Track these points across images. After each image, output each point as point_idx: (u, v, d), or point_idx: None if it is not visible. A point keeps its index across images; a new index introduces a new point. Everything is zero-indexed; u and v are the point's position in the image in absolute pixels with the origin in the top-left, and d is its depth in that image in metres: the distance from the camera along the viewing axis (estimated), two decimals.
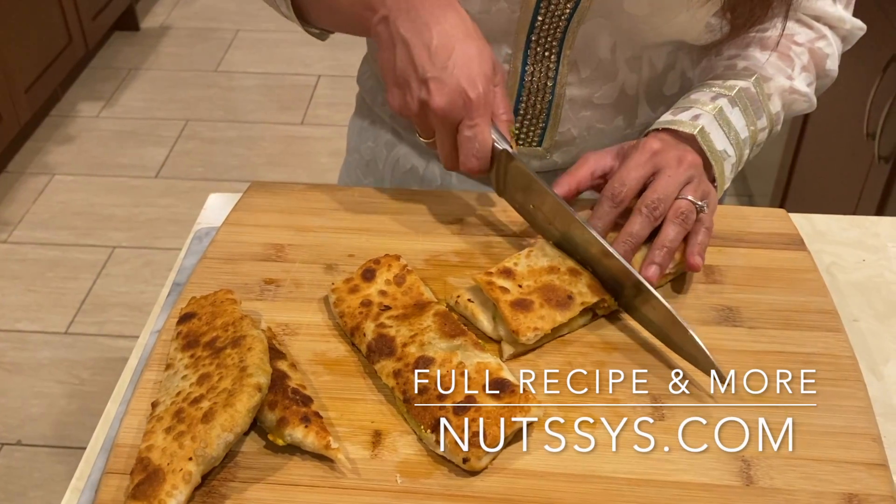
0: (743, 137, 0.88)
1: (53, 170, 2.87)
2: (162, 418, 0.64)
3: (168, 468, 0.61)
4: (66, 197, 2.77)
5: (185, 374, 0.68)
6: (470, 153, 0.79)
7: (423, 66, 0.77)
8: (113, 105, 3.19)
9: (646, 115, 0.98)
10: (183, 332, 0.72)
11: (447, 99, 0.77)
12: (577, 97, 0.94)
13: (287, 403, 0.66)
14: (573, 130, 0.97)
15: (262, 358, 0.67)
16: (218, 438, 0.62)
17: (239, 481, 0.64)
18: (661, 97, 0.98)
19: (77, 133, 3.04)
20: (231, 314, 0.72)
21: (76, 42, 3.10)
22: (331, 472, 0.65)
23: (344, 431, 0.68)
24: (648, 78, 0.95)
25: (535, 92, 0.94)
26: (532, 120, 0.96)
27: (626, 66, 0.93)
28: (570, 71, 0.92)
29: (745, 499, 0.63)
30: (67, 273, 2.49)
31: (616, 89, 0.94)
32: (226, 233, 0.86)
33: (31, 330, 2.31)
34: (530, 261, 0.78)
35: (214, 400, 0.64)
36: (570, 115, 0.95)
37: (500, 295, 0.74)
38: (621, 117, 0.97)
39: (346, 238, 0.85)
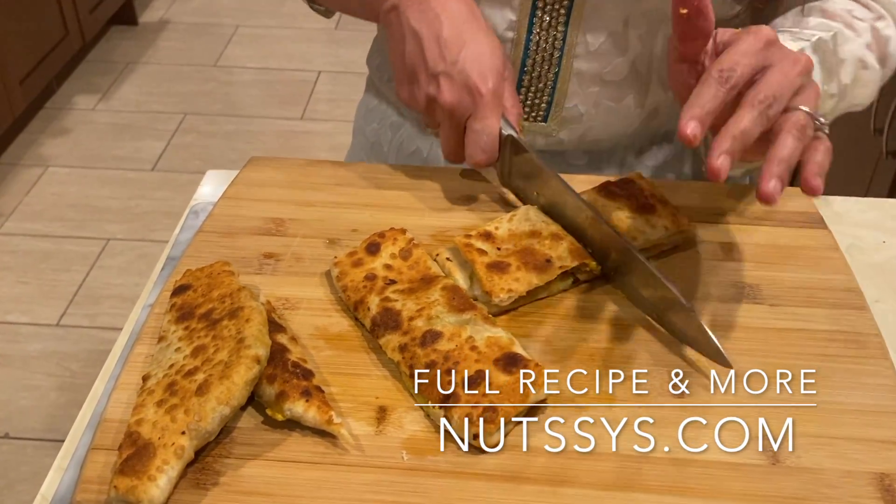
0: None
1: (47, 162, 2.83)
2: (153, 391, 0.61)
3: (159, 442, 0.57)
4: (60, 189, 2.73)
5: (179, 347, 0.64)
6: (477, 147, 0.78)
7: (434, 60, 0.77)
8: (109, 98, 3.15)
9: (657, 96, 0.94)
10: (177, 304, 0.68)
11: (457, 95, 0.77)
12: (586, 71, 0.90)
13: (287, 377, 0.63)
14: (580, 107, 0.93)
15: (260, 329, 0.63)
16: (213, 412, 0.58)
17: (235, 458, 0.60)
18: None
19: (72, 125, 3.01)
20: (228, 286, 0.68)
21: (73, 34, 3.07)
22: (333, 449, 0.61)
23: (347, 407, 0.64)
24: (662, 55, 0.90)
25: (541, 63, 0.90)
26: (537, 93, 0.92)
27: (638, 42, 0.89)
28: (579, 42, 0.88)
29: (772, 478, 0.60)
30: (60, 265, 2.45)
31: (627, 65, 0.90)
32: (223, 206, 0.82)
33: (22, 322, 2.27)
34: (512, 225, 0.76)
35: (210, 372, 0.60)
36: (578, 90, 0.91)
37: (476, 256, 0.72)
38: (631, 96, 0.93)
39: (350, 213, 0.82)
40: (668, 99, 0.94)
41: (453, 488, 0.59)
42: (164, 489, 0.56)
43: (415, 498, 0.58)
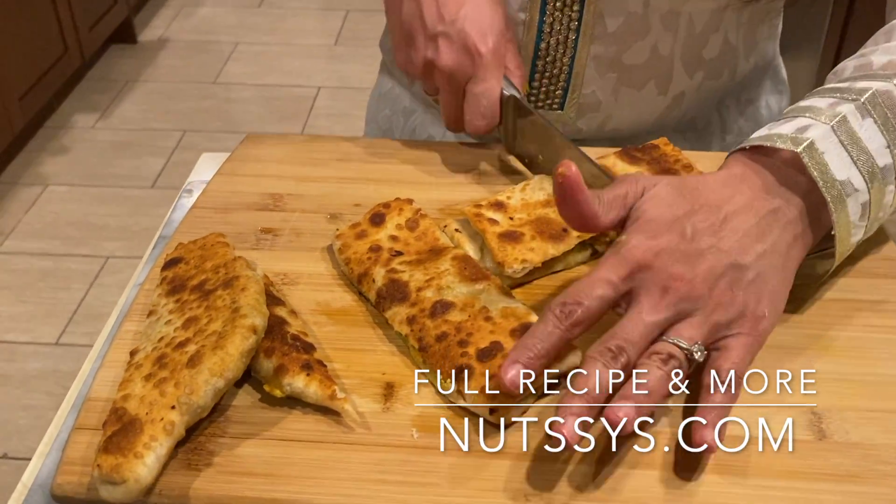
0: (882, 165, 0.60)
1: (47, 180, 2.80)
2: (141, 365, 0.56)
3: (147, 418, 0.52)
4: (60, 207, 2.69)
5: (170, 319, 0.59)
6: (477, 112, 0.75)
7: (432, 20, 0.74)
8: (109, 116, 3.12)
9: (681, 82, 0.87)
10: (168, 277, 0.64)
11: (455, 57, 0.74)
12: (603, 55, 0.84)
13: (286, 350, 0.58)
14: (598, 94, 0.86)
15: (257, 299, 0.58)
16: (206, 384, 0.53)
17: (229, 437, 0.55)
18: (698, 61, 0.87)
19: (72, 144, 2.97)
20: (223, 256, 0.63)
21: (72, 52, 3.04)
22: (336, 427, 0.56)
23: (351, 384, 0.59)
24: (685, 38, 0.84)
25: (555, 47, 0.84)
26: (552, 80, 0.86)
27: (660, 23, 0.82)
28: (596, 23, 0.82)
29: (819, 454, 0.55)
30: (59, 283, 2.40)
31: (647, 49, 0.84)
32: (218, 182, 0.77)
33: (21, 341, 2.22)
34: (525, 194, 0.72)
35: (202, 343, 0.55)
36: (595, 75, 0.85)
37: (487, 226, 0.68)
38: (653, 82, 0.86)
39: (353, 188, 0.77)
40: (693, 84, 0.88)
41: (469, 467, 0.53)
42: (152, 467, 0.50)
43: (427, 478, 0.53)
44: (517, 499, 0.52)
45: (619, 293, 0.56)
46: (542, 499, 0.52)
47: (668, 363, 0.54)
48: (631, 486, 0.53)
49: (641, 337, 0.54)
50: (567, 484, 0.53)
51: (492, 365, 0.56)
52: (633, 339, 0.54)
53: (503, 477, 0.53)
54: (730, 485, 0.53)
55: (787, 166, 0.61)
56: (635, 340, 0.54)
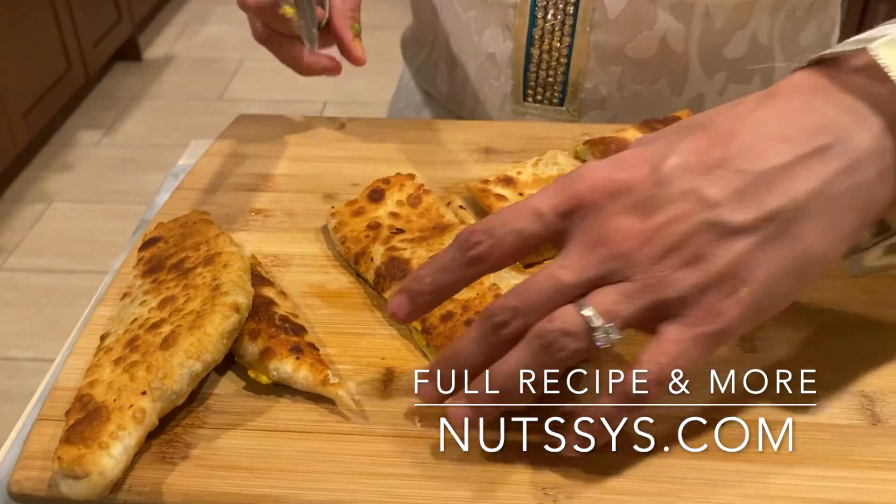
0: None
1: (51, 197, 2.76)
2: (111, 349, 0.50)
3: (114, 405, 0.46)
4: (64, 224, 2.65)
5: (144, 300, 0.53)
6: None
7: None
8: (113, 133, 3.08)
9: (698, 83, 0.79)
10: (145, 257, 0.58)
11: None
12: (605, 44, 0.76)
13: (273, 332, 0.52)
14: (602, 89, 0.79)
15: (240, 276, 0.52)
16: (180, 367, 0.47)
17: (209, 427, 0.49)
18: (719, 60, 0.78)
19: (76, 161, 2.93)
20: (205, 234, 0.58)
21: (76, 69, 3.01)
22: (330, 416, 0.50)
23: (346, 370, 0.53)
24: (703, 33, 0.75)
25: (551, 33, 0.76)
26: (549, 70, 0.78)
27: (669, 13, 0.74)
28: (595, 9, 0.74)
29: (872, 439, 0.48)
30: (63, 300, 2.35)
31: (655, 40, 0.75)
32: (206, 163, 0.72)
33: (24, 357, 2.17)
34: (537, 169, 0.66)
35: (178, 323, 0.49)
36: (597, 67, 0.77)
37: (494, 202, 0.63)
38: (664, 80, 0.78)
39: (350, 167, 0.71)
40: (715, 87, 0.79)
41: (479, 459, 0.47)
42: (119, 459, 0.44)
43: (432, 471, 0.47)
44: (535, 493, 0.45)
45: (549, 231, 0.43)
46: (563, 493, 0.45)
47: (552, 346, 0.41)
48: (666, 476, 0.46)
49: (548, 300, 0.42)
50: (590, 477, 0.46)
51: None
52: (534, 302, 0.42)
53: (517, 469, 0.47)
54: (775, 475, 0.46)
55: (860, 75, 0.43)
56: (538, 304, 0.42)
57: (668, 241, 0.41)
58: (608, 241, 0.41)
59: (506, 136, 0.74)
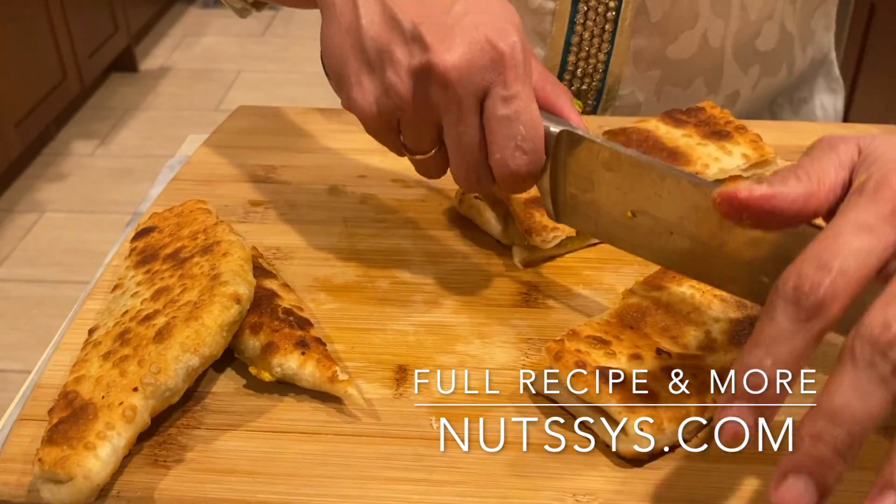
0: None
1: (44, 207, 2.71)
2: (100, 343, 0.46)
3: (102, 402, 0.42)
4: (56, 234, 2.61)
5: (137, 291, 0.49)
6: (511, 143, 0.47)
7: (413, 16, 0.46)
8: (108, 143, 3.05)
9: (735, 78, 0.77)
10: (138, 247, 0.54)
11: (464, 52, 0.45)
12: (645, 49, 0.73)
13: (276, 325, 0.48)
14: (639, 94, 0.75)
15: (241, 265, 0.48)
16: (176, 362, 0.43)
17: (206, 428, 0.45)
18: (752, 53, 0.76)
19: (70, 171, 2.89)
20: (202, 223, 0.54)
21: (71, 79, 2.98)
22: (338, 417, 0.46)
23: (356, 367, 0.49)
24: (738, 27, 0.73)
25: (589, 40, 0.72)
26: (584, 78, 0.75)
27: (709, 8, 0.71)
28: (638, 14, 0.71)
29: (874, 438, 0.44)
30: (54, 311, 2.31)
31: (695, 40, 0.73)
32: (203, 154, 0.68)
33: (13, 369, 2.12)
34: None
35: (174, 315, 0.45)
36: (635, 73, 0.74)
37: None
38: (701, 78, 0.76)
39: (356, 158, 0.67)
40: (749, 81, 0.77)
41: (500, 462, 0.43)
42: (107, 462, 0.40)
43: (451, 475, 0.43)
44: (565, 500, 0.41)
45: (889, 246, 0.35)
46: (598, 500, 0.41)
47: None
48: (699, 482, 0.43)
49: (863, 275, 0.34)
50: (621, 484, 0.42)
51: None
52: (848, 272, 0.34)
53: (546, 474, 0.43)
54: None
55: None
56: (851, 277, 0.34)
57: None
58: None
59: None
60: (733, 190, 0.37)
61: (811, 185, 0.37)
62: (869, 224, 0.35)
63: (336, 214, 0.61)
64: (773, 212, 0.37)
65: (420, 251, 0.58)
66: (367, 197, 0.63)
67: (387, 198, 0.63)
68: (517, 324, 0.52)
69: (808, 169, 0.38)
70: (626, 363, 0.45)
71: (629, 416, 0.42)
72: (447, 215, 0.61)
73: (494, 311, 0.53)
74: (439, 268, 0.56)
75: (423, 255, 0.57)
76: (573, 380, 0.44)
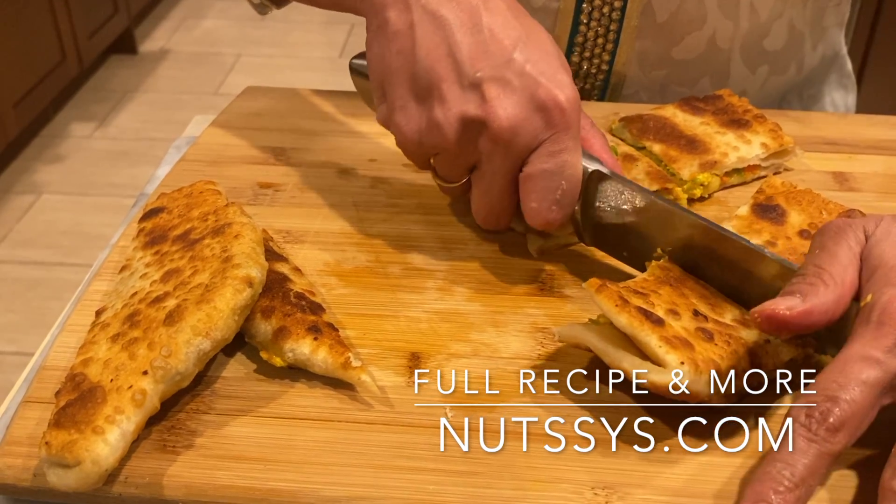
0: None
1: (41, 189, 2.70)
2: (108, 325, 0.45)
3: (111, 386, 0.41)
4: (53, 216, 2.59)
5: (146, 273, 0.48)
6: (550, 198, 0.49)
7: (473, 61, 0.47)
8: (107, 126, 3.03)
9: (740, 78, 0.75)
10: (146, 228, 0.53)
11: (521, 111, 0.47)
12: (650, 51, 0.71)
13: (288, 310, 0.47)
14: (642, 94, 0.74)
15: (253, 248, 0.47)
16: (187, 346, 0.42)
17: (216, 413, 0.44)
18: (760, 53, 0.74)
19: (67, 153, 2.88)
20: (212, 204, 0.52)
21: (70, 61, 2.96)
22: (350, 404, 0.45)
23: (368, 354, 0.48)
24: (748, 28, 0.72)
25: (594, 40, 0.71)
26: (587, 78, 0.74)
27: (718, 11, 0.70)
28: (643, 14, 0.69)
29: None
30: (50, 293, 2.29)
31: (703, 41, 0.71)
32: (211, 135, 0.67)
33: (8, 351, 2.11)
34: None
35: (184, 297, 0.44)
36: (639, 74, 0.73)
37: None
38: (707, 78, 0.74)
39: (367, 142, 0.66)
40: (756, 81, 0.76)
41: (518, 453, 0.42)
42: (116, 447, 0.39)
43: (465, 465, 0.42)
44: (583, 492, 0.40)
45: (891, 374, 0.39)
46: (616, 493, 0.40)
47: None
48: (719, 476, 0.42)
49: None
50: (640, 477, 0.41)
51: None
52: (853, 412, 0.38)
53: (563, 467, 0.42)
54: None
55: None
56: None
57: None
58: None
59: None
60: (772, 310, 0.40)
61: (838, 288, 0.41)
62: (875, 358, 0.38)
63: (347, 198, 0.60)
64: (810, 325, 0.41)
65: (432, 237, 0.57)
66: (378, 181, 0.62)
67: (398, 182, 0.62)
68: (532, 312, 0.51)
69: (831, 270, 0.41)
70: (664, 314, 0.44)
71: (669, 350, 0.41)
72: (460, 200, 0.60)
73: (509, 299, 0.52)
74: (452, 254, 0.55)
75: (435, 241, 0.56)
76: (616, 310, 0.42)
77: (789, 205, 0.54)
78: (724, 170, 0.59)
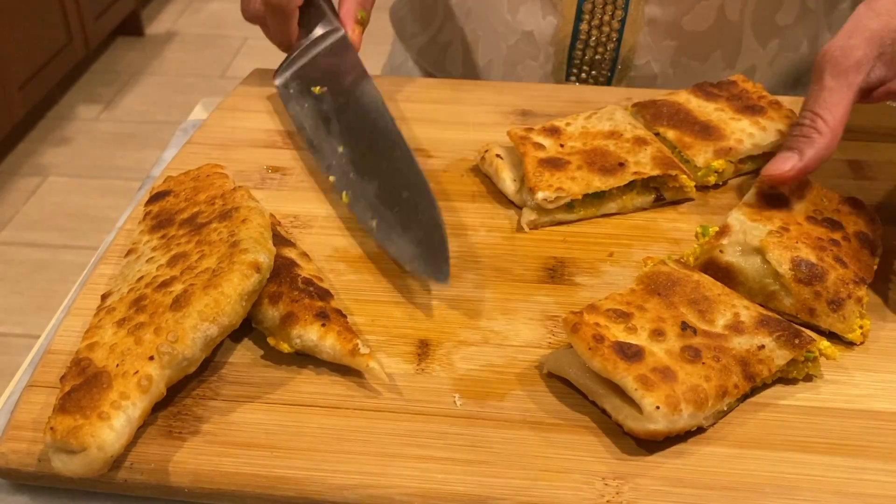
0: None
1: (47, 171, 2.69)
2: (114, 309, 0.44)
3: (117, 371, 0.40)
4: (59, 198, 2.59)
5: (152, 257, 0.48)
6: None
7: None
8: (113, 108, 3.02)
9: (752, 52, 0.74)
10: (153, 211, 0.52)
11: None
12: (660, 19, 0.71)
13: (296, 296, 0.46)
14: (654, 65, 0.73)
15: (261, 232, 0.47)
16: (194, 331, 0.42)
17: (223, 399, 0.44)
18: (772, 27, 0.74)
19: (73, 135, 2.87)
20: (220, 187, 0.52)
21: (76, 43, 2.95)
22: (358, 391, 0.44)
23: (377, 340, 0.47)
24: (758, 1, 0.72)
25: (602, 7, 0.70)
26: (598, 47, 0.73)
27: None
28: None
29: None
30: (55, 275, 2.29)
31: (713, 11, 0.71)
32: (218, 117, 0.66)
33: (15, 333, 2.11)
34: (589, 123, 0.61)
35: (191, 282, 0.44)
36: (650, 43, 0.72)
37: (530, 149, 0.58)
38: (719, 52, 0.74)
39: None
40: (766, 56, 0.75)
41: (529, 441, 0.42)
42: (121, 433, 0.39)
43: (474, 454, 0.41)
44: (594, 482, 0.40)
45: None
46: (628, 484, 0.40)
47: None
48: (739, 468, 0.41)
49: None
50: (652, 469, 0.41)
51: None
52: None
53: (570, 456, 0.41)
54: (861, 470, 0.41)
55: None
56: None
57: None
58: None
59: (545, 99, 0.69)
60: (778, 174, 0.49)
61: (830, 132, 0.48)
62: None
63: None
64: (809, 173, 0.49)
65: None
66: None
67: None
68: (542, 300, 0.50)
69: (824, 115, 0.49)
70: (647, 339, 0.43)
71: (645, 393, 0.40)
72: (469, 187, 0.59)
73: (519, 286, 0.51)
74: (461, 240, 0.55)
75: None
76: (589, 353, 0.42)
77: (790, 192, 0.53)
78: (739, 156, 0.59)
